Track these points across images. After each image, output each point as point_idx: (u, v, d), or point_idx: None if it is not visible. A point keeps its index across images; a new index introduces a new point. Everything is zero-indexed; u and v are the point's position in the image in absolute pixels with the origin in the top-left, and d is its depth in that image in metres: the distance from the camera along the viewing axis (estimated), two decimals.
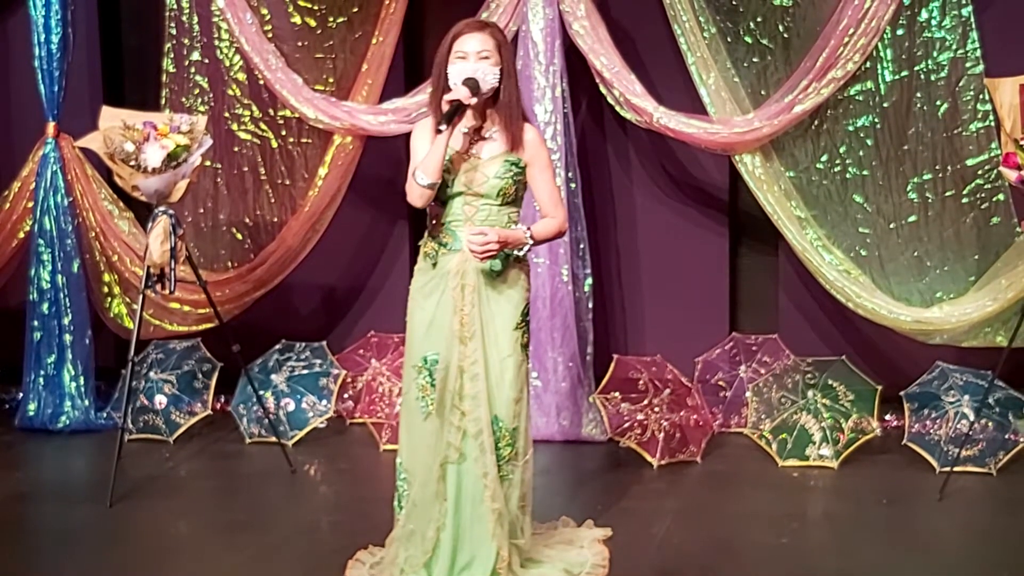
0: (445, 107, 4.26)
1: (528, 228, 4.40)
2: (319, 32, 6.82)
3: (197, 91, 6.94)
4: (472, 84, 4.27)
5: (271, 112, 6.95)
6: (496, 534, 4.40)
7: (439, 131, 4.25)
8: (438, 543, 4.43)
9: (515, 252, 4.39)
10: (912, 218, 6.36)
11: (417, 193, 4.32)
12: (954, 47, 6.19)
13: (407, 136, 4.63)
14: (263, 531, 5.25)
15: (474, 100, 4.29)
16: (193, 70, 6.94)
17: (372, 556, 4.74)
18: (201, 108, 6.88)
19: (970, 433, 5.76)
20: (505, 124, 4.38)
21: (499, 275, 4.40)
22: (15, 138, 7.25)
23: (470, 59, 4.32)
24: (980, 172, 6.23)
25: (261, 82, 6.76)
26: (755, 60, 6.45)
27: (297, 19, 6.80)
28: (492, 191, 4.37)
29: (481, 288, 4.39)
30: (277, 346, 6.70)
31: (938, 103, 6.25)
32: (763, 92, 6.42)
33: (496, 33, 4.40)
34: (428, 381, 4.41)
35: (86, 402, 6.70)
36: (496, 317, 4.40)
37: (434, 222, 4.45)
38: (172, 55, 6.93)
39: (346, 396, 6.79)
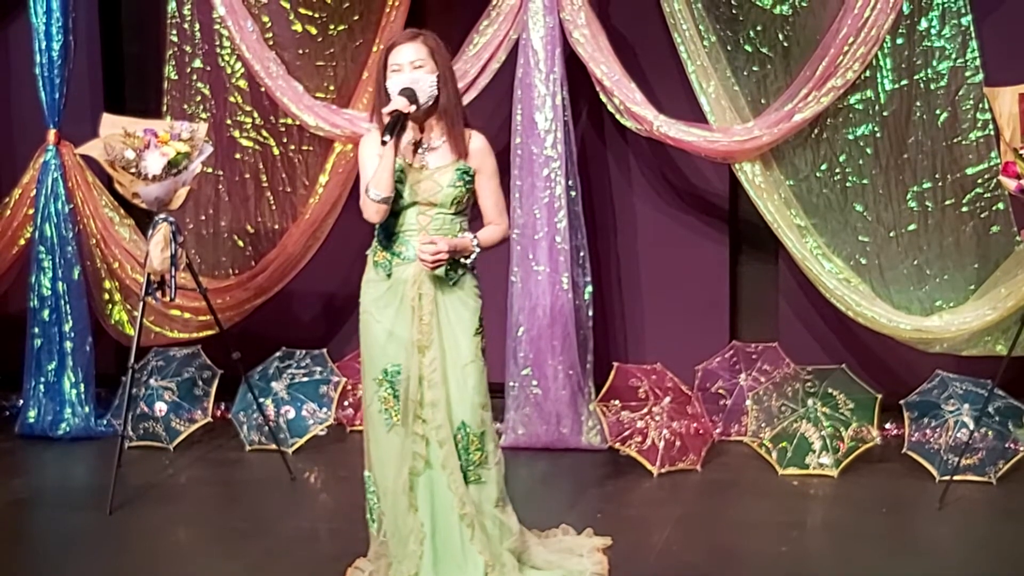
0: (386, 119, 4.27)
1: (475, 236, 4.43)
2: (320, 40, 6.83)
3: (199, 98, 6.95)
4: (408, 93, 4.28)
5: (272, 119, 6.95)
6: (477, 539, 4.40)
7: (384, 142, 4.25)
8: (421, 555, 4.42)
9: (462, 259, 4.41)
10: (912, 227, 6.36)
11: (372, 209, 4.34)
12: (954, 56, 6.19)
13: None
14: (263, 539, 5.25)
15: (413, 108, 4.29)
16: (195, 77, 6.95)
17: (371, 564, 4.73)
18: (203, 115, 6.89)
19: (970, 442, 5.76)
20: (447, 130, 4.40)
21: (455, 283, 4.41)
22: (16, 145, 7.25)
23: (405, 70, 4.34)
24: (980, 181, 6.23)
25: (262, 89, 6.77)
26: (755, 69, 6.46)
27: (298, 27, 6.81)
28: (446, 200, 4.38)
29: (438, 296, 4.40)
30: (277, 353, 6.69)
31: (938, 112, 6.25)
32: (763, 101, 6.43)
33: (428, 40, 4.41)
34: (390, 393, 4.41)
35: (86, 409, 6.70)
36: (455, 324, 4.42)
37: (385, 233, 4.45)
38: (174, 62, 6.94)
39: (346, 404, 6.79)
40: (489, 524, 4.46)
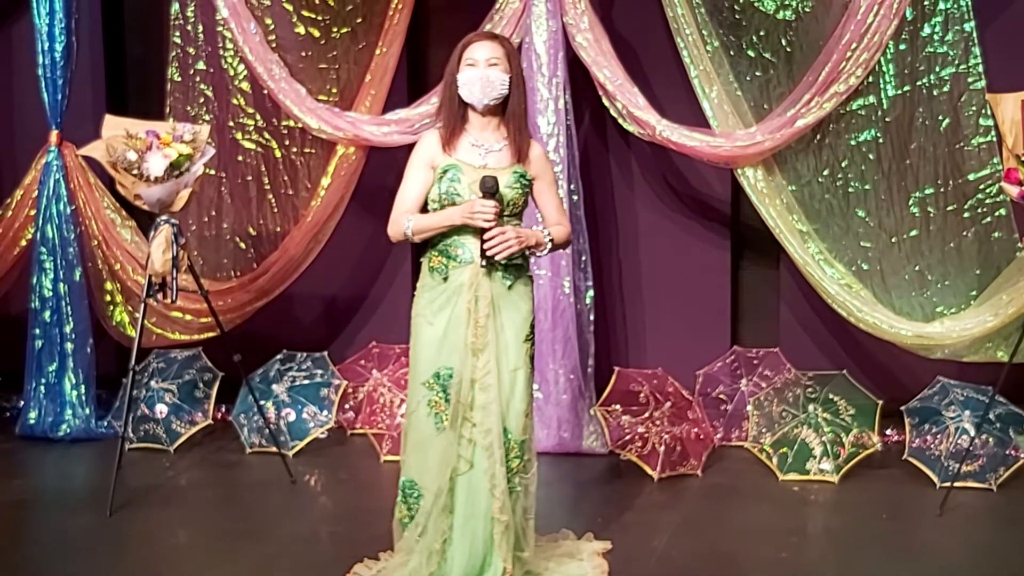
0: (480, 223, 4.26)
1: (547, 231, 4.44)
2: (323, 42, 6.83)
3: (202, 100, 6.96)
4: (491, 184, 4.26)
5: (275, 122, 6.96)
6: (501, 546, 4.40)
7: (483, 266, 4.30)
8: (444, 555, 4.42)
9: (533, 253, 4.44)
10: (914, 232, 6.36)
11: (400, 238, 4.43)
12: (956, 62, 6.20)
13: (410, 147, 4.63)
14: (263, 541, 5.25)
15: (498, 207, 4.27)
16: (198, 79, 6.95)
17: (369, 569, 4.73)
18: (205, 117, 6.90)
19: (971, 448, 5.76)
20: (513, 135, 4.41)
21: (511, 287, 4.41)
22: (18, 146, 7.26)
23: (479, 66, 4.36)
24: (982, 187, 6.23)
25: (265, 92, 6.77)
26: (758, 74, 6.46)
27: (301, 29, 6.82)
28: (502, 201, 4.38)
29: (494, 300, 4.40)
30: (278, 356, 6.70)
31: (940, 118, 6.25)
32: (766, 106, 6.43)
33: (506, 43, 4.46)
34: (442, 396, 4.39)
35: (87, 410, 6.70)
36: (507, 329, 4.41)
37: (441, 237, 4.44)
38: (176, 64, 6.95)
39: (347, 407, 6.79)
40: (516, 533, 4.46)
